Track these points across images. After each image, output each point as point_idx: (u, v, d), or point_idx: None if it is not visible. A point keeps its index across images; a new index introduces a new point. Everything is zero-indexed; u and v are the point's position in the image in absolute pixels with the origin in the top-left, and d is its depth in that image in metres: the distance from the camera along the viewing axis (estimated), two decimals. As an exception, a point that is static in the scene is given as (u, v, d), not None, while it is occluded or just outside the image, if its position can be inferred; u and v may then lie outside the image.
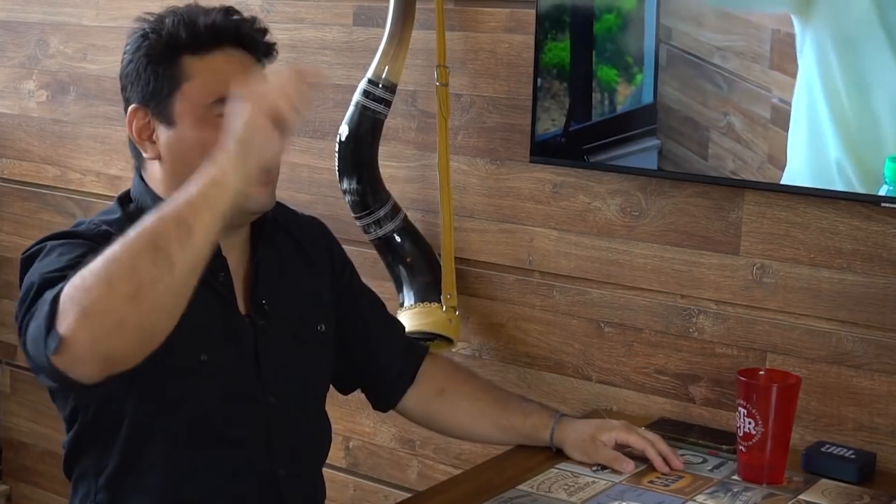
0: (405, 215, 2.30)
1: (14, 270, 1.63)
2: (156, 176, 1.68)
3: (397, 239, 2.29)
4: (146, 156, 1.67)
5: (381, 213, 2.26)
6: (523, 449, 1.91)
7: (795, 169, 1.91)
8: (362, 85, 2.25)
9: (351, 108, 2.26)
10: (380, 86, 2.23)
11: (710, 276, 2.07)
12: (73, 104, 2.92)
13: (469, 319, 2.35)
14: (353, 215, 2.28)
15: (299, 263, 1.81)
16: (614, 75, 2.06)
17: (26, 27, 2.98)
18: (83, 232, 1.61)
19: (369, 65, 2.26)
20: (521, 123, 2.22)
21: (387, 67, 2.24)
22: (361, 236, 2.32)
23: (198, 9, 1.67)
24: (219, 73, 1.62)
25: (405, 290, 2.29)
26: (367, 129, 2.25)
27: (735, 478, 1.79)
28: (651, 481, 1.77)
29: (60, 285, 1.38)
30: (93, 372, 1.38)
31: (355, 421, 2.53)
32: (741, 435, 1.77)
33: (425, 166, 2.35)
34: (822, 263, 1.97)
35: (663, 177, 2.07)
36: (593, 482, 1.76)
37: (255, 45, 1.68)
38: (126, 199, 1.71)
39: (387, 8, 2.25)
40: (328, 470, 1.94)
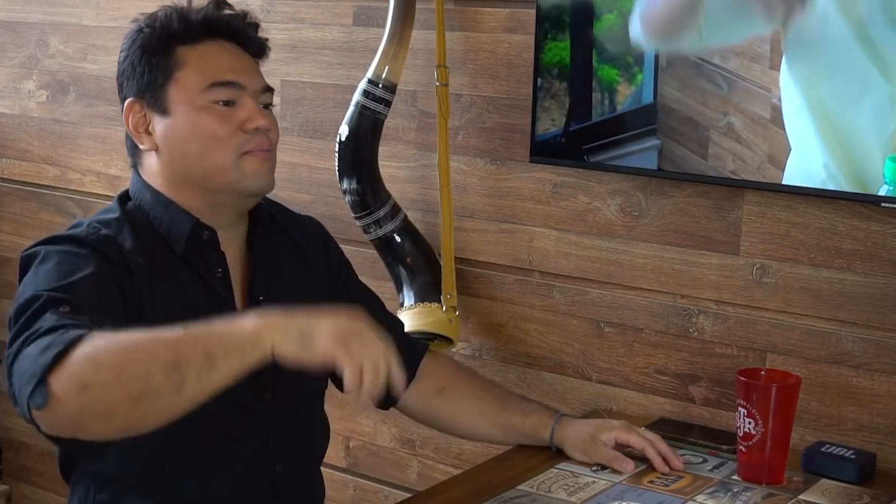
0: (405, 215, 2.30)
1: (14, 271, 1.63)
2: (153, 169, 1.70)
3: (397, 239, 2.29)
4: (143, 147, 1.69)
5: (381, 213, 2.26)
6: (523, 449, 1.91)
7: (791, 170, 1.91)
8: (362, 85, 2.25)
9: (351, 108, 2.26)
10: (380, 86, 2.24)
11: (710, 276, 2.07)
12: (73, 104, 2.92)
13: (469, 319, 2.35)
14: (353, 215, 2.28)
15: (296, 263, 1.81)
16: (614, 75, 2.06)
17: (26, 27, 2.98)
18: (83, 237, 1.61)
19: (369, 65, 2.26)
20: (521, 123, 2.22)
21: (387, 67, 2.24)
22: (361, 236, 2.32)
23: (190, 5, 1.72)
24: (212, 59, 1.67)
25: (405, 290, 2.29)
26: (367, 129, 2.25)
27: (735, 478, 1.79)
28: (651, 481, 1.77)
29: (74, 334, 1.38)
30: (61, 433, 1.42)
31: (355, 421, 2.53)
32: (741, 435, 1.77)
33: (425, 166, 2.35)
34: (822, 263, 1.97)
35: (663, 177, 2.07)
36: (593, 482, 1.76)
37: (247, 39, 1.73)
38: (125, 197, 1.73)
39: (387, 8, 2.25)
40: (328, 470, 1.93)
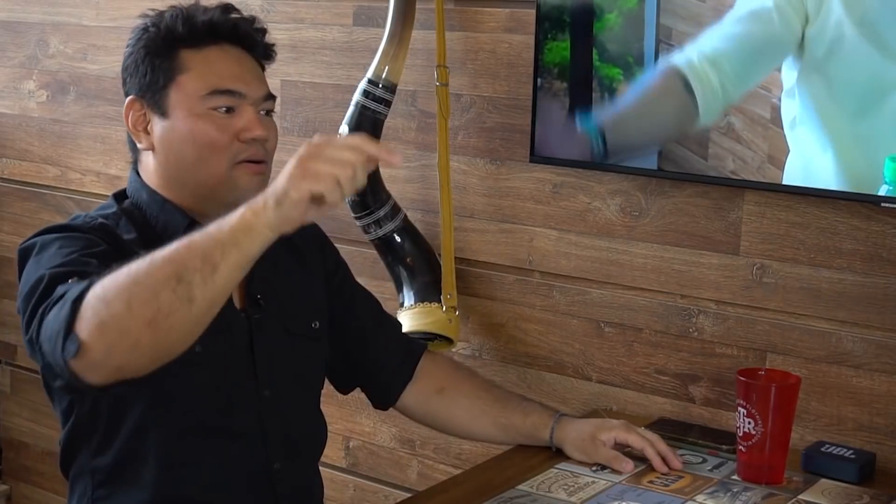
0: (405, 215, 2.30)
1: (14, 271, 1.63)
2: (149, 168, 1.70)
3: (397, 239, 2.28)
4: (140, 146, 1.70)
5: (381, 213, 2.26)
6: (523, 449, 1.91)
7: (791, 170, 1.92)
8: (362, 85, 2.25)
9: (351, 108, 2.26)
10: (380, 86, 2.23)
11: (710, 276, 2.07)
12: (73, 104, 2.92)
13: (469, 319, 2.35)
14: (353, 215, 2.28)
15: (293, 262, 1.81)
16: (615, 75, 2.06)
17: (26, 27, 2.98)
18: (80, 225, 1.63)
19: (369, 65, 2.26)
20: (521, 123, 2.22)
21: (387, 67, 2.24)
22: (361, 236, 2.32)
23: (198, 6, 1.71)
24: (214, 65, 1.66)
25: (405, 290, 2.29)
26: (367, 129, 2.24)
27: (735, 478, 1.79)
28: (651, 481, 1.77)
29: (81, 286, 1.40)
30: (105, 379, 1.42)
31: (355, 421, 2.53)
32: (741, 435, 1.77)
33: (425, 166, 2.35)
34: (821, 263, 1.97)
35: (663, 177, 2.07)
36: (593, 482, 1.76)
37: (254, 43, 1.72)
38: (122, 195, 1.73)
39: (387, 8, 2.25)
40: (328, 470, 1.94)
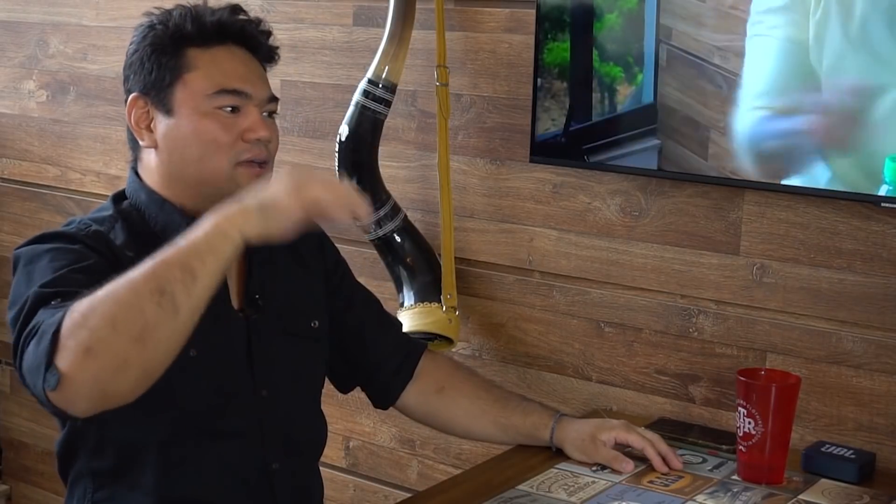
0: (405, 215, 2.30)
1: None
2: (150, 166, 1.70)
3: (397, 239, 2.28)
4: (143, 144, 1.69)
5: (381, 213, 2.26)
6: (523, 449, 1.91)
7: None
8: (362, 85, 2.25)
9: (351, 108, 2.26)
10: (380, 86, 2.23)
11: (710, 276, 2.07)
12: (73, 104, 2.92)
13: (469, 319, 2.35)
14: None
15: (291, 261, 1.81)
16: (615, 75, 2.06)
17: (26, 27, 2.98)
18: (74, 233, 1.62)
19: (369, 65, 2.26)
20: (521, 123, 2.22)
21: (387, 67, 2.24)
22: (361, 236, 2.32)
23: (206, 6, 1.72)
24: (221, 65, 1.67)
25: (405, 290, 2.29)
26: (367, 129, 2.25)
27: (735, 478, 1.79)
28: (651, 481, 1.77)
29: (59, 314, 1.38)
30: (89, 408, 1.41)
31: (355, 421, 2.53)
32: (741, 435, 1.77)
33: (425, 166, 2.35)
34: (821, 263, 1.97)
35: (663, 177, 2.07)
36: (593, 482, 1.76)
37: (259, 46, 1.73)
38: (120, 196, 1.73)
39: (387, 8, 2.25)
40: (328, 470, 1.94)
